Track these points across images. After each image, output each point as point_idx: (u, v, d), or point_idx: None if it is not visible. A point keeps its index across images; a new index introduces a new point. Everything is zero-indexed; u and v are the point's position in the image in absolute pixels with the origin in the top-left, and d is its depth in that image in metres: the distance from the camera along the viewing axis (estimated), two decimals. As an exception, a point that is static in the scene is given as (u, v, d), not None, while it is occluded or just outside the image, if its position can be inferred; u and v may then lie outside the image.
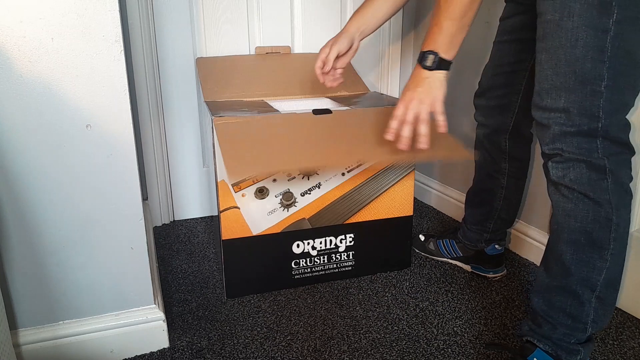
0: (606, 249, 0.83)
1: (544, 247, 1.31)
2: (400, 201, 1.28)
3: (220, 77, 1.46)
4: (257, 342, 1.06)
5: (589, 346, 0.89)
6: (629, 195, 0.84)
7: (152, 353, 1.03)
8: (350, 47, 1.18)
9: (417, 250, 1.43)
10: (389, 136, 1.00)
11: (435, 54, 0.92)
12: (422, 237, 1.43)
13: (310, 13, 1.64)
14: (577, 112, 0.81)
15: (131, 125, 0.90)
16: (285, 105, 1.39)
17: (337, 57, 1.19)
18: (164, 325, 1.03)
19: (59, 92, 0.85)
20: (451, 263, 1.37)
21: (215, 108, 1.26)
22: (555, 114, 0.83)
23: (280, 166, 1.06)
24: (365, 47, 1.76)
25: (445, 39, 0.91)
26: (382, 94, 1.49)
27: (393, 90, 1.85)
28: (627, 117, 0.83)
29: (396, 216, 1.28)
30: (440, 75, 0.93)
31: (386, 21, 1.20)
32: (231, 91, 1.40)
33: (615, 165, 0.82)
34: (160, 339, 1.03)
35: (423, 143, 0.95)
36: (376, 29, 1.20)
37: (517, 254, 1.41)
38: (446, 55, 0.92)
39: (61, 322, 0.97)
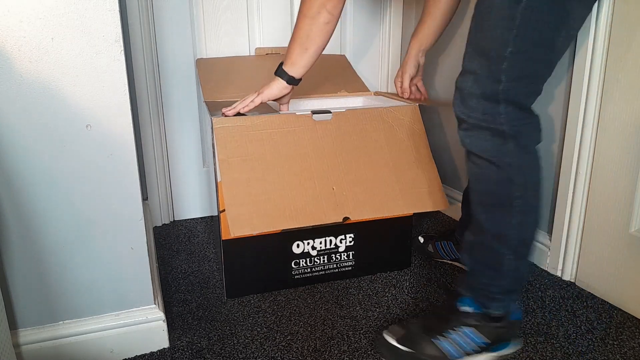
0: (512, 206, 0.89)
1: (544, 247, 1.32)
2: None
3: (220, 77, 1.46)
4: (257, 342, 1.06)
5: (511, 296, 0.96)
6: (532, 155, 0.90)
7: (152, 353, 1.03)
8: (418, 67, 1.33)
9: (417, 252, 1.43)
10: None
11: (281, 63, 1.15)
12: (421, 239, 1.43)
13: (310, 13, 1.64)
14: (483, 75, 0.86)
15: (131, 125, 0.90)
16: (285, 105, 1.39)
17: (411, 80, 1.34)
18: (164, 325, 1.03)
19: (59, 92, 0.85)
20: (451, 264, 1.37)
21: (215, 108, 1.26)
22: (467, 76, 0.89)
23: (282, 224, 1.15)
24: (365, 47, 1.76)
25: (288, 54, 1.13)
26: (387, 93, 1.49)
27: (393, 90, 1.85)
28: (540, 86, 0.89)
29: (396, 216, 1.28)
30: (277, 80, 1.17)
31: (444, 28, 1.30)
32: (231, 91, 1.40)
33: (516, 130, 0.87)
34: (160, 339, 1.04)
35: (230, 110, 1.18)
36: (437, 39, 1.32)
37: (517, 254, 1.41)
38: (286, 66, 1.14)
39: (61, 322, 0.97)
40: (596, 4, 1.10)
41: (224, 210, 1.13)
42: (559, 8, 0.82)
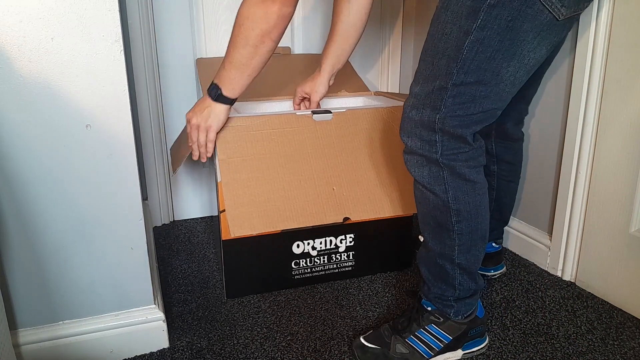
0: (451, 230, 0.92)
1: (544, 247, 1.32)
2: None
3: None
4: (257, 342, 1.06)
5: (465, 301, 0.97)
6: (469, 182, 0.89)
7: (152, 353, 1.03)
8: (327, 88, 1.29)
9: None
10: (189, 142, 1.13)
11: (218, 88, 1.05)
12: (421, 238, 1.42)
13: (310, 14, 1.65)
14: (423, 101, 0.86)
15: (131, 125, 0.90)
16: (285, 105, 1.39)
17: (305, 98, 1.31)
18: (164, 326, 1.03)
19: (58, 92, 0.85)
20: None
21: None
22: (410, 99, 0.89)
23: (282, 224, 1.17)
24: (365, 47, 1.76)
25: (226, 79, 1.04)
26: (387, 92, 1.49)
27: (393, 90, 1.85)
28: (488, 115, 0.87)
29: (396, 216, 1.28)
30: (220, 107, 1.07)
31: (355, 46, 1.26)
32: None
33: (450, 159, 0.87)
34: (160, 339, 1.03)
35: (201, 158, 1.12)
36: (348, 57, 1.28)
37: (517, 254, 1.41)
38: (226, 92, 1.05)
39: (61, 322, 0.97)
40: (596, 4, 1.10)
41: (224, 211, 1.13)
42: (510, 42, 0.80)
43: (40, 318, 0.95)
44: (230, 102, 1.07)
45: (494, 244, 1.29)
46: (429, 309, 0.99)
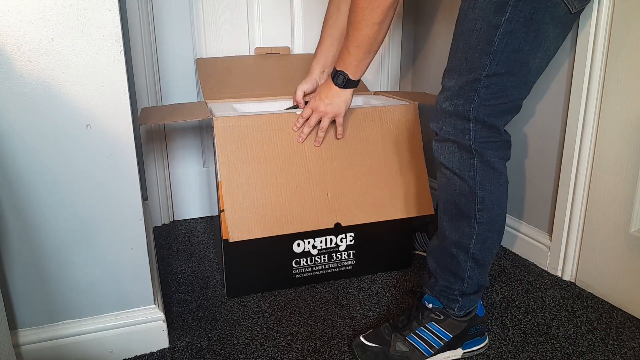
0: (472, 218, 0.94)
1: (544, 247, 1.32)
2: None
3: (220, 77, 1.46)
4: (257, 342, 1.06)
5: (471, 297, 0.99)
6: (497, 172, 0.93)
7: (152, 353, 1.03)
8: (316, 86, 1.29)
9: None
10: (295, 127, 1.20)
11: (345, 74, 1.08)
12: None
13: (310, 14, 1.65)
14: (457, 93, 0.91)
15: (131, 125, 0.90)
16: (285, 105, 1.39)
17: (305, 95, 1.31)
18: (164, 326, 1.03)
19: (59, 92, 0.84)
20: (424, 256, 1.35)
21: (215, 108, 1.26)
22: (444, 93, 0.93)
23: (279, 229, 1.18)
24: (365, 47, 1.76)
25: (352, 63, 1.07)
26: (388, 93, 1.49)
27: (393, 90, 1.85)
28: (516, 105, 0.93)
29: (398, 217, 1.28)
30: (347, 92, 1.12)
31: None
32: (231, 91, 1.40)
33: (482, 147, 0.91)
34: (160, 339, 1.03)
35: (317, 143, 1.21)
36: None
37: (517, 254, 1.41)
38: (353, 76, 1.09)
39: (61, 322, 0.97)
40: (596, 4, 1.10)
41: (224, 210, 1.13)
42: (535, 33, 0.86)
43: (40, 318, 0.95)
44: (355, 84, 1.11)
45: None
46: (430, 306, 1.00)
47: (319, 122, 1.18)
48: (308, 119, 1.17)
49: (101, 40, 0.84)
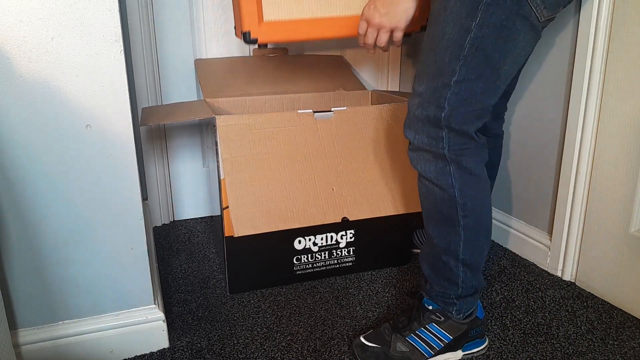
0: (457, 224, 0.92)
1: (544, 247, 1.32)
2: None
3: (219, 77, 1.46)
4: (257, 342, 1.06)
5: (467, 300, 0.98)
6: (475, 176, 0.91)
7: (152, 353, 1.03)
8: None
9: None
10: (361, 44, 1.07)
11: None
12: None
13: (310, 13, 1.64)
14: (428, 99, 0.88)
15: (131, 125, 0.90)
16: (284, 100, 1.39)
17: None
18: (164, 326, 1.03)
19: (59, 92, 0.84)
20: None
21: (216, 108, 1.26)
22: (414, 98, 0.91)
23: (284, 224, 1.17)
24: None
25: None
26: (383, 91, 1.49)
27: (392, 90, 1.84)
28: (486, 111, 0.90)
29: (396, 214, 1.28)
30: (409, 1, 0.97)
31: None
32: (231, 91, 1.40)
33: (457, 154, 0.89)
34: (160, 339, 1.03)
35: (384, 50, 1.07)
36: None
37: (517, 254, 1.41)
38: None
39: (61, 322, 0.97)
40: (597, 4, 1.10)
41: (227, 207, 1.14)
42: (505, 39, 0.84)
43: (40, 318, 0.95)
44: None
45: None
46: (430, 307, 0.99)
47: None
48: (365, 35, 1.02)
49: (101, 40, 0.84)
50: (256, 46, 1.07)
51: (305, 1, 1.07)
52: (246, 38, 1.04)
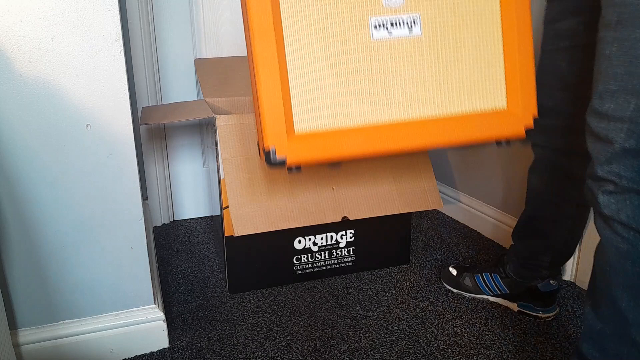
0: None
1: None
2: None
3: (219, 77, 1.46)
4: (257, 342, 1.06)
5: None
6: None
7: (151, 353, 1.03)
8: None
9: (449, 287, 1.24)
10: None
11: None
12: (453, 271, 1.24)
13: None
14: (637, 123, 0.67)
15: (131, 125, 0.90)
16: None
17: None
18: (164, 325, 1.03)
19: (59, 92, 0.84)
20: (492, 301, 1.19)
21: (216, 108, 1.26)
22: (617, 124, 0.68)
23: (284, 223, 1.16)
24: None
25: None
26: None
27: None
28: None
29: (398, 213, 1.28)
30: None
31: None
32: (231, 91, 1.40)
33: None
34: (160, 339, 1.03)
35: None
36: None
37: (517, 254, 1.41)
38: None
39: (61, 322, 0.97)
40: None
41: (227, 207, 1.14)
42: None
43: (40, 318, 0.95)
44: None
45: (551, 282, 1.12)
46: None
47: None
48: None
49: (101, 40, 0.84)
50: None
51: (353, 100, 0.73)
52: (270, 159, 0.72)
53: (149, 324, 1.02)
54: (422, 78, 0.72)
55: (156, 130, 1.56)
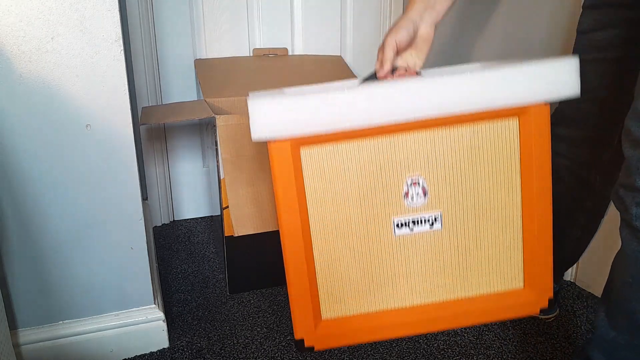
0: None
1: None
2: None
3: (219, 77, 1.46)
4: (257, 342, 1.06)
5: None
6: None
7: (152, 353, 1.03)
8: (414, 36, 0.83)
9: None
10: None
11: None
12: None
13: (310, 15, 1.64)
14: None
15: (131, 125, 0.90)
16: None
17: (399, 53, 0.85)
18: (164, 325, 1.03)
19: (59, 92, 0.85)
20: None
21: (216, 108, 1.26)
22: None
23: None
24: (365, 46, 1.76)
25: None
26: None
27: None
28: None
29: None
30: None
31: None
32: (231, 91, 1.40)
33: None
34: (160, 339, 1.03)
35: None
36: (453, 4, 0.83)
37: (517, 254, 1.41)
38: None
39: (61, 322, 0.97)
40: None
41: (227, 207, 1.14)
42: None
43: (40, 318, 0.95)
44: None
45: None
46: None
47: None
48: None
49: (101, 40, 0.84)
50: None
51: (377, 289, 0.76)
52: (299, 347, 0.78)
53: (149, 324, 1.02)
54: (442, 266, 0.76)
55: (156, 130, 1.56)
